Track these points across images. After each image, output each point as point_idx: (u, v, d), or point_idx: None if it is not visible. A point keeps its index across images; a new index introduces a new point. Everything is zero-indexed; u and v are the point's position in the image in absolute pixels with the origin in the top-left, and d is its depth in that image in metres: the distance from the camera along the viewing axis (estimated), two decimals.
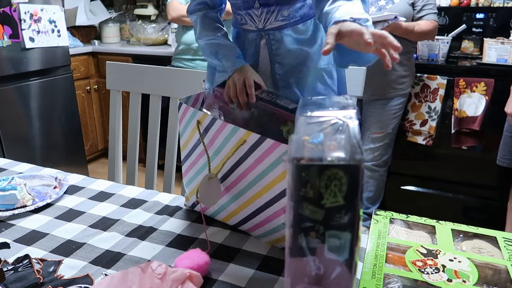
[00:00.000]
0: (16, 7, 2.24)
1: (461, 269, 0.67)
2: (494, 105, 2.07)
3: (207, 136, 0.84)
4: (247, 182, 0.81)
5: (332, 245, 0.47)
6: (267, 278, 0.73)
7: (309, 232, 0.47)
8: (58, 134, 2.69)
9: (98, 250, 0.81)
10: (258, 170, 0.77)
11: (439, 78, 2.18)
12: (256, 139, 0.75)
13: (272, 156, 0.74)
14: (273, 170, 0.75)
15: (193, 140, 0.89)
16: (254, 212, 0.82)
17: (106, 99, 3.20)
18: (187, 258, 0.73)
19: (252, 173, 0.79)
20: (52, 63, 2.55)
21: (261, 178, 0.77)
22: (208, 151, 0.85)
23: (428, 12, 2.03)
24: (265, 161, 0.75)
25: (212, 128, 0.83)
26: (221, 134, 0.81)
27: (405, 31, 1.96)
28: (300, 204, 0.46)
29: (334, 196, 0.45)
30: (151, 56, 2.92)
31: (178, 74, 1.36)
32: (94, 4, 3.37)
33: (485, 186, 2.21)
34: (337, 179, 0.44)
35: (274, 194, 0.77)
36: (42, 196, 1.04)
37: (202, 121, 0.84)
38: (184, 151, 0.93)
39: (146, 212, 0.96)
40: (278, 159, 0.73)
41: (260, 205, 0.80)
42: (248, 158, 0.78)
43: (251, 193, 0.81)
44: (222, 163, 0.82)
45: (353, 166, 0.44)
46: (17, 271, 0.75)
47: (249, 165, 0.78)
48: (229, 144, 0.80)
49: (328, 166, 0.44)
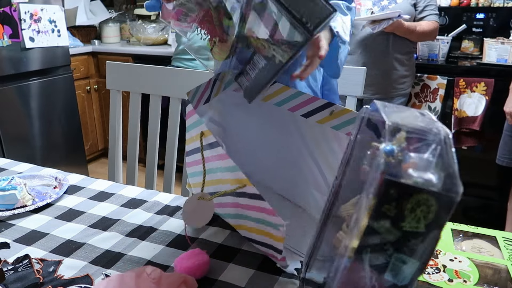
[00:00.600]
0: (16, 7, 2.24)
1: (462, 269, 0.67)
2: (494, 105, 2.07)
3: (209, 150, 0.80)
4: (244, 214, 0.78)
5: (395, 268, 0.45)
6: (267, 278, 0.73)
7: (376, 248, 0.44)
8: (58, 134, 2.69)
9: (98, 250, 0.81)
10: (256, 215, 0.74)
11: (439, 78, 2.19)
12: (255, 193, 0.71)
13: (269, 218, 0.71)
14: (268, 227, 0.72)
15: (196, 142, 0.84)
16: (252, 241, 0.80)
17: (106, 99, 3.20)
18: (187, 258, 0.73)
19: (249, 212, 0.75)
20: (52, 63, 2.55)
21: (258, 222, 0.74)
22: (207, 164, 0.80)
23: (430, 13, 2.03)
24: (262, 215, 0.72)
25: (214, 149, 0.78)
26: (221, 162, 0.77)
27: (407, 30, 1.96)
28: (377, 220, 0.43)
29: (417, 222, 0.42)
30: (151, 56, 2.92)
31: (178, 74, 1.36)
32: (94, 4, 3.37)
33: (485, 186, 2.21)
34: (426, 205, 0.41)
35: (270, 243, 0.74)
36: (42, 196, 1.04)
37: (207, 135, 0.79)
38: (189, 146, 0.89)
39: (146, 212, 0.96)
40: (275, 225, 0.70)
41: (256, 240, 0.78)
42: (246, 198, 0.74)
43: (248, 224, 0.78)
44: (218, 185, 0.79)
45: (449, 198, 0.40)
46: (17, 271, 0.75)
47: (246, 204, 0.75)
48: (228, 174, 0.76)
49: (421, 190, 0.41)
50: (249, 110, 1.00)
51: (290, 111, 0.97)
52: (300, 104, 0.96)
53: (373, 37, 2.01)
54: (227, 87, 1.02)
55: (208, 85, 0.95)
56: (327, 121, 0.93)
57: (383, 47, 2.03)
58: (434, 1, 2.07)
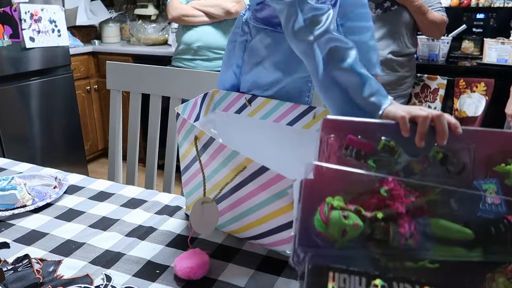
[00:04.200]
0: (16, 7, 2.24)
1: None
2: (494, 106, 2.06)
3: (205, 153, 0.79)
4: (247, 208, 0.77)
5: None
6: (267, 278, 0.73)
7: None
8: (58, 134, 2.69)
9: (98, 250, 0.81)
10: (259, 198, 0.74)
11: (439, 78, 2.18)
12: (258, 168, 0.71)
13: (276, 188, 0.70)
14: (276, 201, 0.72)
15: (191, 153, 0.84)
16: (256, 236, 0.80)
17: (106, 99, 3.20)
18: (186, 258, 0.73)
19: (252, 200, 0.75)
20: (52, 63, 2.55)
21: (262, 206, 0.74)
22: (206, 169, 0.80)
23: (439, 10, 2.03)
24: (267, 191, 0.72)
25: (210, 147, 0.78)
26: (219, 155, 0.76)
27: (418, 9, 1.93)
28: None
29: None
30: (151, 56, 2.92)
31: (178, 74, 1.36)
32: (94, 4, 3.37)
33: None
34: None
35: (276, 225, 0.74)
36: (42, 196, 1.04)
37: (200, 137, 0.79)
38: (184, 162, 0.89)
39: (146, 212, 0.96)
40: (282, 191, 0.70)
41: (261, 232, 0.78)
42: (248, 184, 0.74)
43: (251, 219, 0.78)
44: (219, 187, 0.78)
45: None
46: (17, 271, 0.75)
47: (249, 191, 0.75)
48: (228, 167, 0.76)
49: None
50: (240, 128, 1.02)
51: (276, 122, 0.99)
52: (283, 113, 0.98)
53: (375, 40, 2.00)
54: (216, 106, 1.04)
55: (195, 103, 0.96)
56: (312, 125, 0.96)
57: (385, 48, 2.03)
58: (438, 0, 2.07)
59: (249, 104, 1.01)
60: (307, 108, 0.96)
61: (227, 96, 1.03)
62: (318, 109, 0.95)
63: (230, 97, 1.03)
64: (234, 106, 1.03)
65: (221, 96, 1.03)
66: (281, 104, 0.98)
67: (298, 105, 0.96)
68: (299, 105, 0.96)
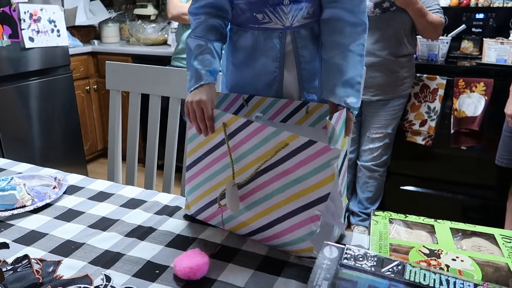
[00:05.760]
0: (15, 7, 2.23)
1: (465, 269, 0.67)
2: (493, 105, 2.06)
3: (233, 140, 0.82)
4: (275, 188, 0.79)
5: None
6: (266, 278, 0.73)
7: None
8: (58, 134, 2.68)
9: (98, 250, 0.81)
10: (297, 174, 0.75)
11: (438, 78, 2.18)
12: (303, 143, 0.73)
13: (319, 160, 0.72)
14: (318, 174, 0.73)
15: (206, 146, 0.86)
16: (275, 221, 0.80)
17: (105, 99, 3.19)
18: (186, 258, 0.73)
19: (284, 178, 0.77)
20: (52, 63, 2.55)
21: (299, 182, 0.75)
22: (233, 153, 0.82)
23: (436, 11, 2.03)
24: (309, 165, 0.74)
25: (242, 132, 0.80)
26: (254, 138, 0.79)
27: (419, 11, 1.93)
28: None
29: None
30: (150, 56, 2.92)
31: (178, 74, 1.36)
32: (94, 4, 3.37)
33: (484, 186, 2.21)
34: None
35: (312, 199, 0.75)
36: (42, 196, 1.04)
37: (230, 124, 0.81)
38: (191, 157, 0.90)
39: (145, 212, 0.96)
40: (326, 163, 0.72)
41: (286, 212, 0.78)
42: (285, 162, 0.76)
43: (277, 200, 0.79)
44: (248, 169, 0.80)
45: None
46: (16, 271, 0.75)
47: (284, 169, 0.76)
48: (264, 147, 0.78)
49: None
50: None
51: (271, 119, 1.00)
52: (278, 110, 1.00)
53: (372, 42, 2.00)
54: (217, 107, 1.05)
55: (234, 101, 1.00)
56: (304, 121, 0.98)
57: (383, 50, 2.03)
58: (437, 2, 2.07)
59: (246, 104, 1.02)
60: (300, 104, 0.98)
61: (226, 97, 1.04)
62: (310, 104, 0.98)
63: (229, 98, 1.04)
64: (233, 107, 1.04)
65: (221, 97, 1.04)
66: (276, 101, 1.00)
67: (292, 101, 0.99)
68: (293, 101, 0.99)
